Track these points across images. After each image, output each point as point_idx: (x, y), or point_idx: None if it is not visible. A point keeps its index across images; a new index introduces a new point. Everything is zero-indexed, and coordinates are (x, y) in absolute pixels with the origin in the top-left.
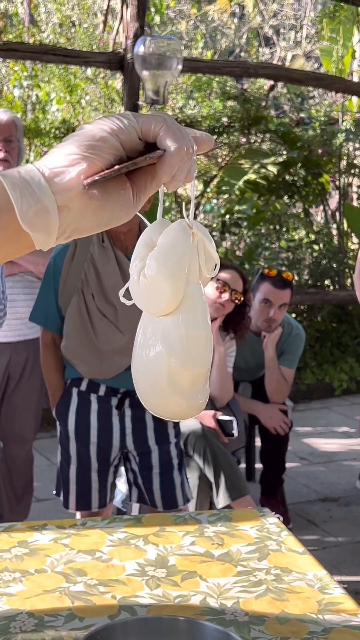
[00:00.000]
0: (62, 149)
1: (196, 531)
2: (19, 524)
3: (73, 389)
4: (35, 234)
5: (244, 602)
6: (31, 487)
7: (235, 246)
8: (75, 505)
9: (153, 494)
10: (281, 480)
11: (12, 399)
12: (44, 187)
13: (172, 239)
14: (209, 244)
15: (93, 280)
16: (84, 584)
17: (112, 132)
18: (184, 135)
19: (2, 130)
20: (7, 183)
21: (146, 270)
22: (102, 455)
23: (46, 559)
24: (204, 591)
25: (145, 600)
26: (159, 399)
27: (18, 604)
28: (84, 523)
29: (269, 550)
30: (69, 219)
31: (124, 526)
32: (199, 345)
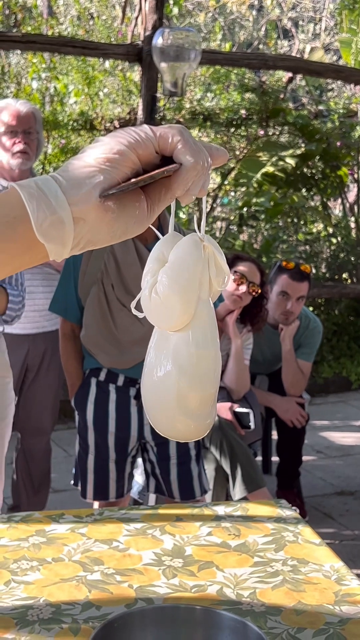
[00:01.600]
0: (80, 161)
1: (213, 522)
2: (37, 514)
3: (92, 379)
4: (50, 245)
5: (261, 592)
6: (48, 478)
7: (252, 239)
8: (93, 495)
9: (170, 484)
10: (298, 473)
11: (30, 391)
12: (61, 198)
13: (184, 254)
14: (220, 257)
15: (113, 270)
16: (101, 573)
17: (129, 145)
18: (200, 150)
19: (22, 122)
20: (23, 193)
21: (158, 287)
22: (120, 445)
23: (63, 548)
24: (220, 581)
25: (162, 590)
26: (168, 419)
27: (35, 592)
28: (101, 513)
29: (285, 542)
30: (84, 231)
31: (140, 516)
32: (208, 366)
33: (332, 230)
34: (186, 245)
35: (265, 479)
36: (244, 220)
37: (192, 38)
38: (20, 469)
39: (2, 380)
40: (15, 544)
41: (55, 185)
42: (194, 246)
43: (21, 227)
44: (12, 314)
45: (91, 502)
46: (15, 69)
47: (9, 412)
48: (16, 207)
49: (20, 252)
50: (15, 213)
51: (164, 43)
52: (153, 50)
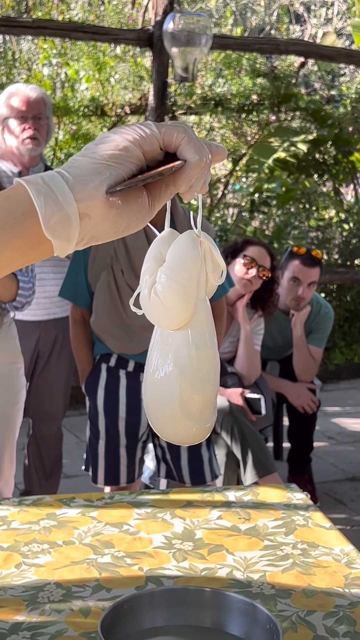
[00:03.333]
0: (86, 158)
1: (223, 506)
2: (47, 497)
3: (102, 364)
4: (56, 241)
5: (271, 575)
6: (60, 464)
7: (264, 225)
8: (104, 480)
9: (181, 469)
10: (309, 459)
11: (41, 378)
12: (68, 194)
13: (182, 252)
14: (215, 252)
15: (122, 256)
16: (111, 556)
17: (134, 141)
18: (203, 147)
19: (32, 108)
20: (31, 189)
21: (157, 287)
22: (130, 430)
23: (74, 531)
24: (230, 564)
25: (172, 572)
26: (170, 422)
27: (46, 574)
28: (111, 497)
29: (295, 525)
30: (89, 227)
31: (151, 500)
32: (208, 367)
33: (344, 216)
34: (184, 244)
35: (276, 465)
36: (256, 207)
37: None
38: (32, 455)
39: (13, 366)
40: (26, 527)
41: (62, 181)
42: (191, 244)
43: (29, 223)
44: (23, 300)
45: (102, 487)
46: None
47: (20, 397)
48: (24, 204)
49: (28, 248)
50: (24, 209)
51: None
52: (164, 35)
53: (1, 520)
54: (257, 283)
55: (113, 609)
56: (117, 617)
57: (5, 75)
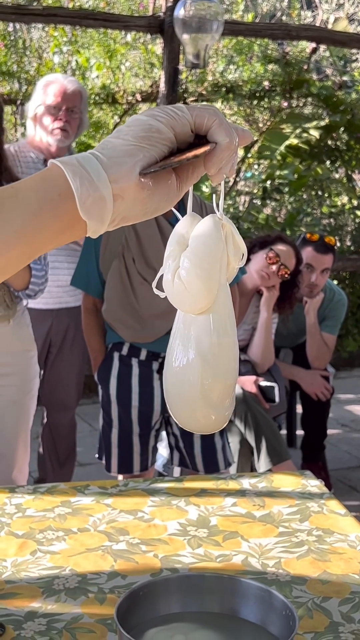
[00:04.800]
0: (119, 140)
1: (238, 493)
2: (62, 485)
3: (114, 353)
4: (91, 222)
5: (286, 562)
6: (74, 452)
7: (276, 212)
8: (118, 469)
9: (194, 457)
10: (323, 447)
11: (54, 367)
12: (102, 176)
13: (206, 238)
14: (237, 235)
15: (134, 244)
16: (126, 543)
17: (167, 123)
18: (232, 130)
19: (67, 100)
20: (67, 170)
21: (181, 272)
22: (143, 419)
23: (89, 519)
24: (245, 551)
25: (187, 560)
26: (189, 409)
27: (61, 561)
28: (126, 484)
29: (310, 512)
30: (121, 208)
31: (165, 488)
32: (229, 355)
33: (356, 203)
34: (207, 228)
35: (289, 452)
36: (268, 194)
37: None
38: (46, 443)
39: (26, 353)
40: (40, 515)
41: (96, 163)
42: (214, 228)
43: (65, 204)
44: (36, 289)
45: (115, 475)
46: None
47: (34, 385)
48: (60, 185)
49: (64, 228)
50: (60, 190)
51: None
52: (175, 21)
53: (16, 508)
54: (275, 280)
55: (129, 595)
56: (132, 603)
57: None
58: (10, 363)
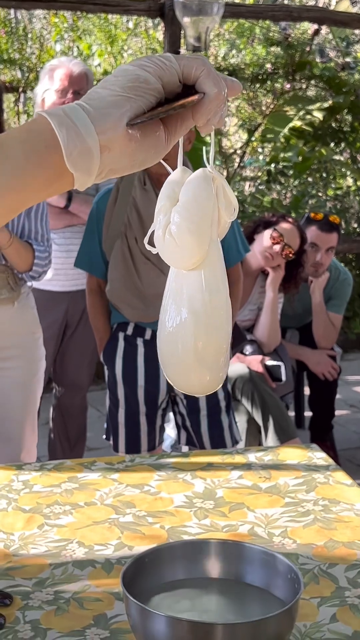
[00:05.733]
0: (106, 90)
1: (244, 466)
2: (68, 461)
3: (119, 333)
4: (78, 174)
5: (292, 531)
6: (84, 435)
7: (281, 196)
8: (125, 449)
9: (201, 436)
10: (330, 426)
11: (68, 347)
12: (89, 127)
13: (196, 191)
14: (227, 189)
15: (136, 223)
16: (132, 516)
17: (154, 73)
18: (221, 80)
19: (73, 82)
20: (53, 121)
21: (172, 228)
22: (149, 398)
23: (95, 493)
24: (251, 521)
25: (194, 530)
26: (183, 370)
27: (69, 534)
28: (132, 460)
29: (316, 483)
30: (108, 160)
31: (171, 462)
32: (221, 313)
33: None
34: (197, 182)
35: (298, 433)
36: (272, 177)
37: None
38: (57, 425)
39: (32, 335)
40: (48, 490)
41: (83, 114)
42: (204, 182)
43: (52, 155)
44: (39, 270)
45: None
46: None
47: (40, 367)
48: (46, 136)
49: (51, 180)
50: (47, 142)
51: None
52: (175, 5)
53: (23, 484)
54: (279, 260)
55: (134, 562)
56: (138, 570)
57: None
58: (16, 345)
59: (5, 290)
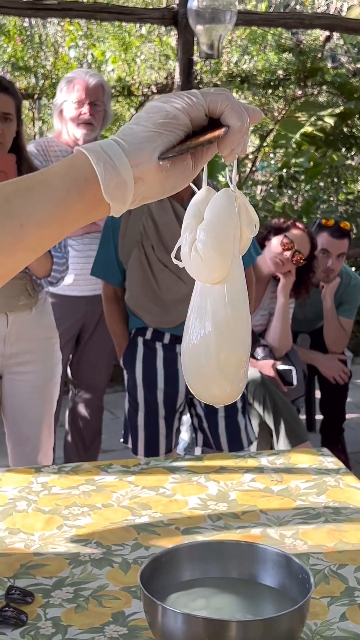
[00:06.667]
0: (139, 126)
1: (256, 469)
2: (85, 464)
3: (138, 338)
4: (114, 204)
5: (303, 532)
6: (99, 437)
7: (292, 201)
8: (145, 452)
9: (219, 437)
10: (342, 429)
11: (85, 349)
12: (125, 161)
13: (220, 211)
14: (249, 207)
15: (152, 232)
16: (148, 517)
17: (183, 110)
18: (243, 112)
19: (90, 94)
20: (91, 157)
21: (197, 245)
22: (168, 401)
23: (112, 495)
24: (264, 523)
25: (208, 532)
26: (205, 381)
27: (87, 535)
28: (147, 463)
29: (327, 486)
30: (142, 189)
31: (186, 465)
32: (242, 327)
33: None
34: (221, 202)
35: (309, 436)
36: (284, 182)
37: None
38: (72, 428)
39: (49, 341)
40: (66, 492)
41: (118, 149)
42: (228, 201)
43: (91, 188)
44: (57, 276)
45: (142, 457)
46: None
47: (57, 371)
48: (86, 170)
49: (89, 210)
50: (86, 176)
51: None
52: (188, 13)
53: (42, 486)
54: (289, 266)
55: (152, 561)
56: (155, 569)
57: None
58: (33, 350)
59: (23, 296)
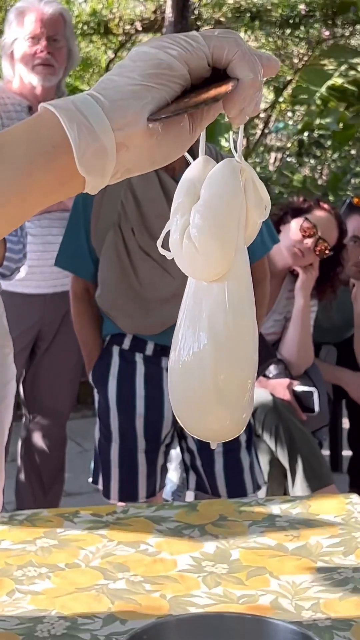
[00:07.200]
0: (123, 77)
1: (265, 520)
2: (45, 512)
3: (113, 347)
4: (90, 178)
5: (326, 603)
6: (62, 475)
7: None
8: (119, 495)
9: (215, 479)
10: None
11: (42, 363)
12: (104, 122)
13: (220, 186)
14: (258, 182)
15: (132, 211)
16: (126, 581)
17: (179, 57)
18: (257, 62)
19: (47, 26)
20: (62, 116)
21: (191, 230)
22: (150, 431)
23: (79, 552)
24: (275, 590)
25: (202, 601)
26: (199, 411)
27: (45, 603)
28: (125, 511)
29: (357, 544)
30: (125, 159)
31: (175, 514)
32: (246, 339)
33: None
34: (222, 175)
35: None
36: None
37: None
38: (27, 464)
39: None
40: (19, 548)
41: (96, 107)
42: (231, 175)
43: (61, 156)
44: (12, 266)
45: (116, 503)
46: None
47: (9, 391)
48: (54, 134)
49: (59, 185)
50: (54, 141)
51: None
52: None
53: None
54: (312, 258)
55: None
56: None
57: None
58: None
59: None
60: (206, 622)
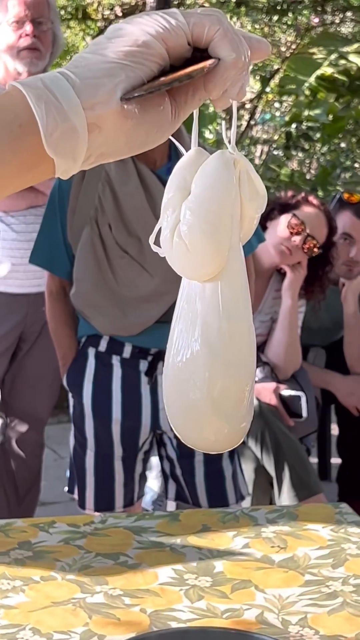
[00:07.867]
0: (96, 55)
1: (251, 531)
2: (19, 521)
3: (89, 349)
4: (60, 160)
5: (314, 618)
6: (38, 483)
7: (304, 167)
8: (94, 504)
9: (196, 488)
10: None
11: (23, 366)
12: (75, 101)
13: (213, 180)
14: (254, 174)
15: (110, 205)
16: (104, 595)
17: (157, 35)
18: (241, 41)
19: (31, 8)
20: (29, 94)
21: (182, 228)
22: (127, 437)
23: (55, 564)
24: (261, 604)
25: (185, 615)
26: (195, 421)
27: (19, 618)
28: (103, 521)
29: (346, 556)
30: (98, 142)
31: (156, 524)
32: (243, 345)
33: None
34: (215, 168)
35: (322, 486)
36: (293, 142)
37: None
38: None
39: None
40: None
41: (67, 85)
42: (224, 168)
43: (28, 137)
44: None
45: (92, 513)
46: None
47: None
48: (21, 113)
49: (26, 167)
50: (21, 120)
51: None
52: None
53: None
54: (299, 256)
55: None
56: None
57: None
58: None
59: None
60: (189, 638)
